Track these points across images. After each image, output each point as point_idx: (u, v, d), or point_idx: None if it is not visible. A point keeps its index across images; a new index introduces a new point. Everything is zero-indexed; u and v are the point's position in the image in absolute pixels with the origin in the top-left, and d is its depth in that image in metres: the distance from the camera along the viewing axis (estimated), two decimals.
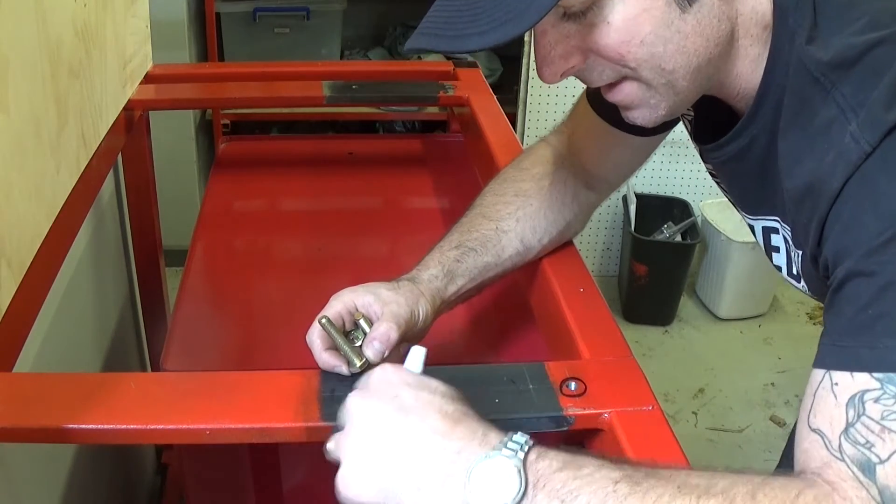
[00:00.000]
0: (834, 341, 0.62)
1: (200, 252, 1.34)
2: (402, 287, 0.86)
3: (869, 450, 0.57)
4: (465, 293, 0.94)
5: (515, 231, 0.96)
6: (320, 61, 2.64)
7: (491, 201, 0.99)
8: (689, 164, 2.75)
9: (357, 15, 3.01)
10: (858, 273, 0.61)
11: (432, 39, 0.67)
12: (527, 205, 0.97)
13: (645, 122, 0.76)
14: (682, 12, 0.66)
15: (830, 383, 0.61)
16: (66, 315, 1.29)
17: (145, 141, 1.56)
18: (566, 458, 0.61)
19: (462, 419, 0.63)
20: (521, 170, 1.01)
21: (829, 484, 0.59)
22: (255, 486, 1.08)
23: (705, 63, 0.70)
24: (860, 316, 0.60)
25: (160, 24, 1.71)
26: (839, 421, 0.59)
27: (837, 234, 0.63)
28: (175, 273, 1.44)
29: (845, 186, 0.62)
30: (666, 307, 2.75)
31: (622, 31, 0.67)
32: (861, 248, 0.60)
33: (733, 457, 2.22)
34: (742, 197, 0.82)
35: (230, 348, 1.14)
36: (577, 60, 0.71)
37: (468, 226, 0.97)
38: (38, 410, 0.75)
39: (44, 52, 0.97)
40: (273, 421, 0.74)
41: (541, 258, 1.01)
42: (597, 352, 0.86)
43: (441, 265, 0.91)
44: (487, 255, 0.94)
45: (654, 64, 0.69)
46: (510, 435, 0.62)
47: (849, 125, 0.62)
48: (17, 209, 0.90)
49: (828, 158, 0.63)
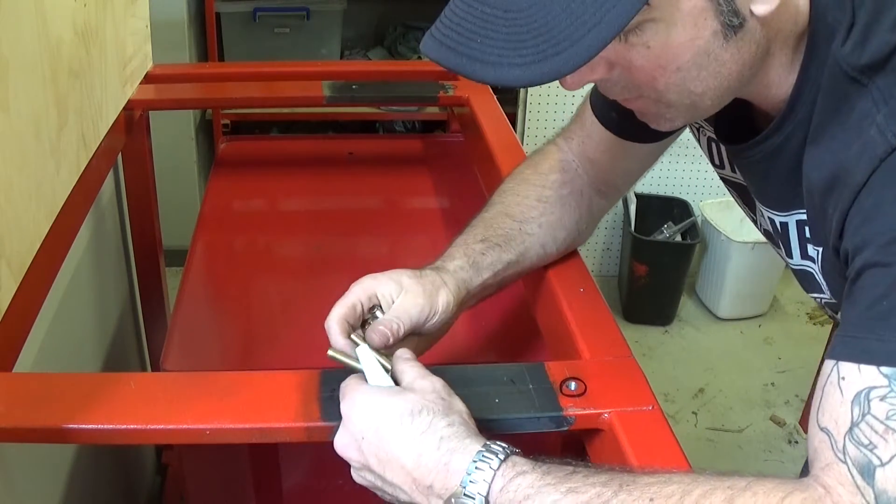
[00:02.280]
0: (847, 332, 0.61)
1: (200, 252, 1.34)
2: (425, 276, 0.85)
3: (871, 451, 0.57)
4: (487, 289, 0.93)
5: (538, 236, 0.96)
6: (320, 61, 2.64)
7: (513, 201, 0.98)
8: (690, 164, 2.75)
9: (357, 15, 3.01)
10: (876, 263, 0.60)
11: (454, 56, 0.62)
12: (549, 213, 0.97)
13: (657, 128, 0.75)
14: (725, 42, 0.65)
15: (838, 377, 0.60)
16: (66, 315, 1.29)
17: (145, 141, 1.56)
18: (532, 483, 0.62)
19: (423, 462, 0.65)
20: (539, 174, 1.00)
21: (825, 488, 0.59)
22: (255, 486, 1.08)
23: (736, 84, 0.69)
24: (875, 307, 0.59)
25: (160, 24, 1.71)
26: (845, 420, 0.59)
27: (858, 225, 0.62)
28: (175, 273, 1.44)
29: (870, 179, 0.61)
30: (666, 307, 2.75)
31: (661, 57, 0.65)
32: (880, 239, 0.60)
33: (733, 457, 2.22)
34: (774, 194, 0.79)
35: (230, 348, 1.14)
36: (603, 72, 0.69)
37: (491, 221, 0.96)
38: (38, 410, 0.75)
39: (44, 52, 0.97)
40: (273, 421, 0.74)
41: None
42: (597, 352, 0.86)
43: (467, 257, 0.90)
44: (511, 252, 0.93)
45: (683, 88, 0.67)
46: (472, 468, 0.64)
47: (875, 119, 0.62)
48: (17, 209, 0.89)
49: (853, 150, 0.63)
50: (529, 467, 0.64)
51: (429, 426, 0.66)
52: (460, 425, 0.67)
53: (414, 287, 0.83)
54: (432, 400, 0.68)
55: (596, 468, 0.64)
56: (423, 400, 0.68)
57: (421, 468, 0.65)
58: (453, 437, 0.65)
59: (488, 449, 0.64)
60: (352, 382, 0.73)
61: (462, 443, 0.65)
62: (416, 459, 0.65)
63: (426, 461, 0.65)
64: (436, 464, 0.65)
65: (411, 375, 0.72)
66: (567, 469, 0.64)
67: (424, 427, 0.66)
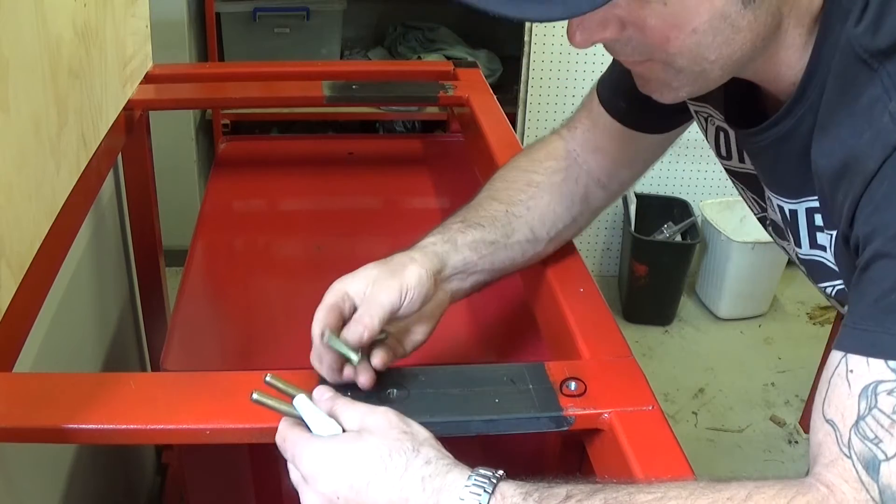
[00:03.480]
0: (855, 323, 0.60)
1: (200, 252, 1.34)
2: (391, 260, 0.83)
3: (876, 446, 0.57)
4: (477, 272, 0.90)
5: (526, 218, 0.94)
6: (320, 61, 2.64)
7: (501, 186, 0.97)
8: (690, 164, 2.75)
9: (357, 15, 3.01)
10: (886, 254, 0.59)
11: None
12: (538, 196, 0.96)
13: (660, 100, 0.73)
14: (743, 8, 0.63)
15: (846, 370, 0.59)
16: (66, 315, 1.29)
17: (145, 141, 1.56)
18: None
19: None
20: (533, 161, 0.99)
21: (828, 487, 0.58)
22: (255, 486, 1.08)
23: (747, 57, 0.67)
24: (884, 299, 0.59)
25: (160, 24, 1.71)
26: (851, 413, 0.58)
27: (869, 214, 0.61)
28: (175, 273, 1.44)
29: (882, 167, 0.60)
30: (666, 307, 2.75)
31: (676, 15, 0.63)
32: (890, 230, 0.59)
33: (733, 457, 2.22)
34: (785, 181, 0.77)
35: (230, 348, 1.14)
36: (614, 31, 0.66)
37: (475, 206, 0.95)
38: (38, 410, 0.75)
39: (44, 52, 0.97)
40: (273, 421, 0.74)
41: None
42: (597, 352, 0.86)
43: (441, 234, 0.88)
44: (495, 233, 0.91)
45: (696, 54, 0.66)
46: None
47: (889, 104, 0.61)
48: (17, 209, 0.89)
49: (865, 137, 0.62)
50: (520, 498, 0.62)
51: (405, 469, 0.64)
52: (437, 459, 0.65)
53: (380, 274, 0.80)
54: (395, 437, 0.66)
55: (590, 488, 0.62)
56: (387, 441, 0.65)
57: None
58: (435, 476, 0.63)
59: (475, 483, 0.62)
60: (297, 439, 0.68)
61: (445, 480, 0.63)
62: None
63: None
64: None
65: (355, 414, 0.69)
66: (560, 494, 0.62)
67: (401, 471, 0.64)
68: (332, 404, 0.71)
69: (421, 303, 0.82)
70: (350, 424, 0.69)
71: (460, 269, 0.89)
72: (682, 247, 2.67)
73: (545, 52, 2.58)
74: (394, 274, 0.81)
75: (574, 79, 2.62)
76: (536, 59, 2.59)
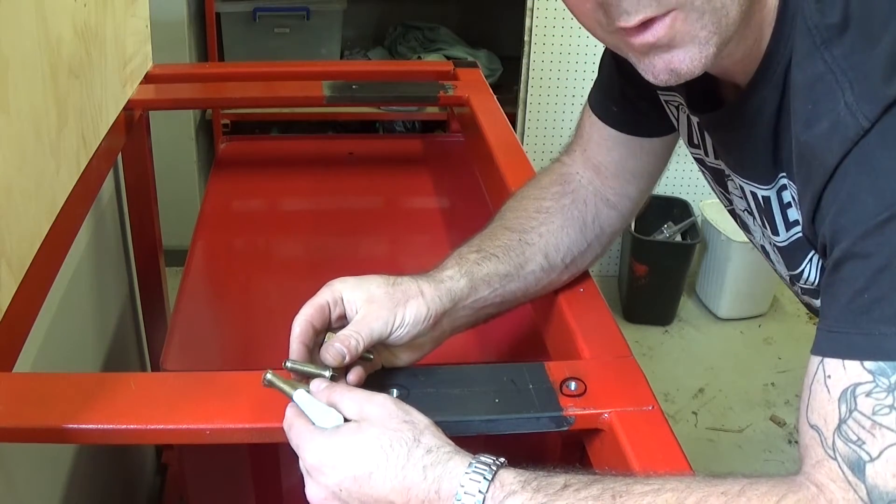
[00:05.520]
0: (830, 327, 0.61)
1: (200, 252, 1.34)
2: (398, 284, 0.81)
3: (860, 447, 0.57)
4: (486, 307, 0.89)
5: (539, 245, 0.92)
6: (320, 61, 2.64)
7: (512, 216, 0.95)
8: (690, 164, 2.72)
9: (357, 15, 3.01)
10: (855, 255, 0.59)
11: None
12: (549, 221, 0.94)
13: (691, 67, 0.65)
14: None
15: (824, 375, 0.60)
16: (66, 315, 1.29)
17: (145, 141, 1.56)
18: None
19: (414, 494, 0.64)
20: (540, 188, 0.98)
21: (818, 486, 0.59)
22: (255, 486, 1.08)
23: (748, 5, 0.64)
24: (856, 300, 0.59)
25: (160, 24, 1.71)
26: (833, 417, 0.59)
27: (835, 213, 0.61)
28: (175, 273, 1.44)
29: (842, 162, 0.60)
30: (666, 307, 2.75)
31: None
32: (859, 229, 0.59)
33: (733, 457, 2.22)
34: (754, 165, 0.75)
35: (230, 348, 1.14)
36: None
37: (489, 235, 0.93)
38: (38, 410, 0.75)
39: (44, 52, 0.97)
40: (273, 421, 0.74)
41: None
42: (597, 352, 0.86)
43: (460, 266, 0.86)
44: (509, 264, 0.90)
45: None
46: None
47: (843, 94, 0.60)
48: (17, 209, 0.89)
49: (821, 127, 0.61)
50: (519, 486, 0.63)
51: (407, 458, 0.65)
52: (438, 448, 0.66)
53: (381, 297, 0.79)
54: (395, 427, 0.66)
55: (588, 479, 0.63)
56: (387, 431, 0.66)
57: (412, 502, 0.64)
58: (437, 464, 0.64)
59: (475, 470, 0.64)
60: (301, 431, 0.69)
61: (446, 467, 0.64)
62: (405, 495, 0.64)
63: (416, 494, 0.64)
64: (426, 494, 0.64)
65: (355, 403, 0.70)
66: (558, 483, 0.63)
67: (403, 460, 0.65)
68: (331, 393, 0.72)
69: (410, 339, 0.81)
70: (350, 412, 0.70)
71: (471, 305, 0.87)
72: (683, 247, 2.67)
73: (545, 52, 2.58)
74: (395, 303, 0.79)
75: (574, 79, 2.61)
76: (536, 59, 2.59)
